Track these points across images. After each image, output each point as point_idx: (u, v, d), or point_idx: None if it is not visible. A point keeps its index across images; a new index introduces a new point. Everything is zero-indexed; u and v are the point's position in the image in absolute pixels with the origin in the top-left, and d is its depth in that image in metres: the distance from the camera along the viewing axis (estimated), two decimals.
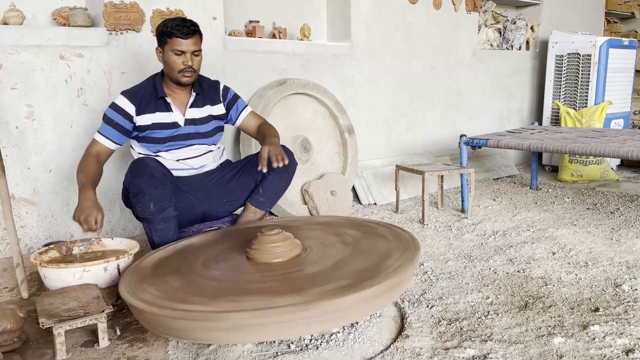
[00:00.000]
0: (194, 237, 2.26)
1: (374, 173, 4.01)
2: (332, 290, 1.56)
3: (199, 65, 2.35)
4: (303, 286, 1.65)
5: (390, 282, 1.64)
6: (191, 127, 2.43)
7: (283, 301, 1.52)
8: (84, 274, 2.02)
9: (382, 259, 1.83)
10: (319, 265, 1.84)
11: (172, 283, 1.76)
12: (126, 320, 1.99)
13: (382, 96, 4.21)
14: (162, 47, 2.32)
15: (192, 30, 2.28)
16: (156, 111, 2.36)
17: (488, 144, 3.42)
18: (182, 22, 2.28)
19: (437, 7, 4.45)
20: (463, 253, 2.72)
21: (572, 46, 4.85)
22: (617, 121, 4.91)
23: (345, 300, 1.52)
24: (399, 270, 1.71)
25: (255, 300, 1.56)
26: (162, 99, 2.37)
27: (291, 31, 3.87)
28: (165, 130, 2.38)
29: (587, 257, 2.61)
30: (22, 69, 2.66)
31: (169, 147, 2.41)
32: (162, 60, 2.34)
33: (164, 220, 2.23)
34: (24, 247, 2.73)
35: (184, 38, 2.26)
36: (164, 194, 2.20)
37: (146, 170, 2.18)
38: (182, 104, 2.42)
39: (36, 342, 1.83)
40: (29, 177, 2.74)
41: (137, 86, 2.43)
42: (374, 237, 2.11)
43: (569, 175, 4.52)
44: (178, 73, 2.30)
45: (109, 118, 2.33)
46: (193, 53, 2.30)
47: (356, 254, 1.93)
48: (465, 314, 2.01)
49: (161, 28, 2.29)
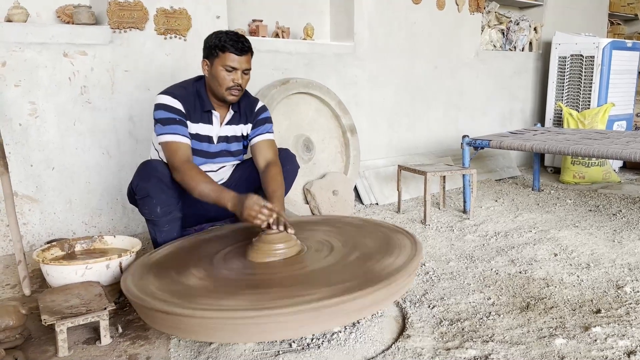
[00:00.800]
0: (196, 235, 2.26)
1: (375, 173, 4.01)
2: (336, 290, 1.56)
3: (246, 84, 2.24)
4: (306, 286, 1.65)
5: (393, 281, 1.64)
6: (223, 144, 2.35)
7: (288, 301, 1.52)
8: (86, 271, 2.02)
9: (383, 259, 1.83)
10: (320, 265, 1.84)
11: (175, 280, 1.76)
12: (128, 317, 2.00)
13: (384, 96, 4.21)
14: (210, 60, 2.19)
15: (247, 47, 2.17)
16: (200, 122, 2.26)
17: (490, 144, 3.41)
18: (237, 37, 2.16)
19: (441, 8, 4.45)
20: (465, 254, 2.72)
21: (575, 47, 4.85)
22: (620, 123, 4.91)
23: (350, 300, 1.52)
24: (401, 271, 1.71)
25: (258, 300, 1.56)
26: (209, 112, 2.27)
27: (294, 30, 3.87)
28: (200, 142, 2.28)
29: (589, 258, 2.61)
30: (26, 66, 2.66)
31: (196, 160, 2.28)
32: (209, 74, 2.21)
33: (169, 223, 2.23)
34: (26, 244, 2.74)
35: (238, 54, 2.14)
36: (170, 199, 2.18)
37: (154, 175, 2.15)
38: (220, 120, 2.32)
39: (38, 339, 1.83)
40: (32, 174, 2.74)
41: (178, 88, 2.25)
42: (376, 236, 2.11)
43: (571, 177, 4.52)
44: (225, 90, 2.18)
45: (168, 118, 2.16)
46: (244, 71, 2.18)
47: (358, 254, 1.93)
48: (466, 314, 2.01)
49: (213, 40, 2.16)
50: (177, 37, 3.07)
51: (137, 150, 3.03)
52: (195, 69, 3.15)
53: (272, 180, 2.22)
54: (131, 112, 2.99)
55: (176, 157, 2.13)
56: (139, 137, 3.03)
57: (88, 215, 2.94)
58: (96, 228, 2.96)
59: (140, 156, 3.02)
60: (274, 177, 2.25)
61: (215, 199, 2.02)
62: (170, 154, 2.15)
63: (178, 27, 3.07)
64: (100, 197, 2.96)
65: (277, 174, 2.27)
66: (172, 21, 3.04)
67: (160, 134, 2.17)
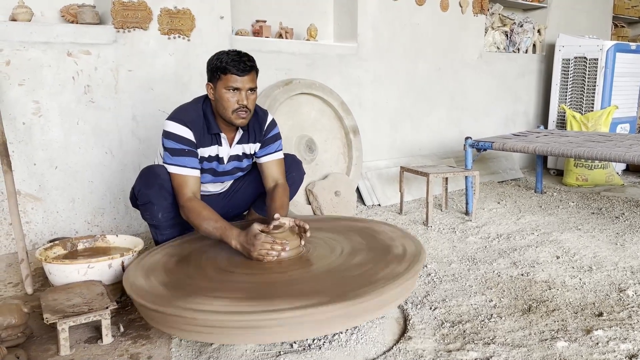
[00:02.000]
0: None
1: (378, 174, 4.00)
2: (340, 294, 1.56)
3: (253, 104, 2.16)
4: (310, 288, 1.64)
5: (397, 286, 1.64)
6: (234, 162, 2.33)
7: (291, 304, 1.52)
8: (88, 270, 2.03)
9: (387, 263, 1.83)
10: (323, 267, 1.84)
11: (178, 279, 1.76)
12: (130, 317, 2.00)
13: (387, 97, 4.21)
14: (213, 82, 2.12)
15: (249, 66, 2.09)
16: (210, 145, 2.21)
17: (493, 146, 3.41)
18: (238, 56, 2.08)
19: (444, 9, 4.45)
20: (467, 256, 2.72)
21: (579, 50, 4.84)
22: (623, 126, 4.90)
23: (354, 305, 1.53)
24: (406, 275, 1.70)
25: (261, 302, 1.56)
26: (217, 134, 2.22)
27: (298, 31, 3.87)
28: (210, 163, 2.26)
29: (592, 261, 2.60)
30: (30, 65, 2.67)
31: (205, 179, 2.29)
32: (214, 97, 2.14)
33: (171, 227, 2.23)
34: (29, 242, 2.74)
35: (240, 75, 2.07)
36: (172, 206, 2.17)
37: (156, 182, 2.14)
38: (229, 139, 2.27)
39: (40, 337, 1.84)
40: (35, 173, 2.75)
41: (187, 112, 2.18)
42: (379, 238, 2.11)
43: (574, 179, 4.51)
44: (232, 113, 2.11)
45: (177, 149, 2.12)
46: (249, 90, 2.11)
47: (362, 255, 1.92)
48: (468, 316, 2.01)
49: (215, 62, 2.09)
50: (180, 37, 3.08)
51: (139, 150, 3.03)
52: (199, 69, 3.17)
53: (279, 200, 2.21)
54: (134, 112, 3.00)
55: (181, 193, 2.10)
56: (141, 137, 3.03)
57: (91, 214, 2.94)
58: (99, 227, 2.97)
59: (143, 155, 3.03)
60: (281, 198, 2.23)
61: (219, 237, 1.97)
62: (177, 189, 2.12)
63: (182, 27, 3.07)
64: (102, 196, 2.97)
65: (284, 196, 2.26)
66: (176, 21, 3.05)
67: (168, 163, 2.14)
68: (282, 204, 2.18)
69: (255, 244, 1.86)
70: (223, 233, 1.96)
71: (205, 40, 3.17)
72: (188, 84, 3.14)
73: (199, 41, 3.15)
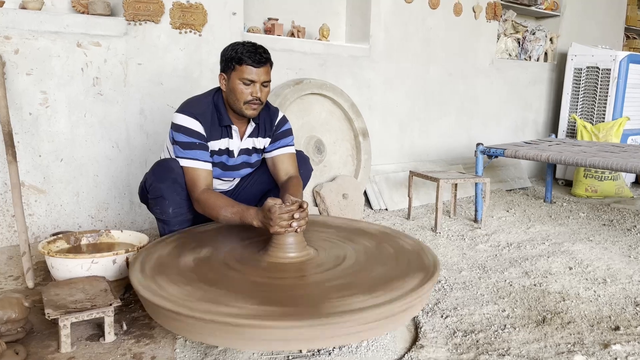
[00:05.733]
0: (209, 225, 2.20)
1: (385, 178, 3.95)
2: (355, 308, 1.48)
3: (266, 97, 2.13)
4: (323, 298, 1.56)
5: (414, 300, 1.58)
6: (244, 156, 2.28)
7: (303, 314, 1.46)
8: (92, 265, 1.97)
9: (402, 275, 1.72)
10: (334, 274, 1.76)
11: (187, 277, 1.69)
12: (133, 315, 1.94)
13: (397, 100, 4.16)
14: (227, 73, 2.07)
15: (265, 58, 2.05)
16: (220, 138, 2.17)
17: (505, 153, 3.36)
18: (254, 48, 2.04)
19: (458, 14, 4.40)
20: (477, 263, 2.66)
21: (592, 60, 4.79)
22: (635, 137, 4.84)
23: (370, 317, 1.47)
24: (420, 290, 1.61)
25: (270, 308, 1.49)
26: (228, 127, 2.18)
27: (310, 30, 3.82)
28: (220, 156, 2.21)
29: (605, 273, 2.54)
30: (39, 55, 2.62)
31: (214, 173, 2.21)
32: (226, 88, 2.10)
33: (180, 224, 2.17)
34: (31, 235, 2.69)
35: (255, 66, 2.02)
36: (184, 201, 2.12)
37: (170, 176, 2.08)
38: (240, 133, 2.23)
39: (40, 333, 1.78)
40: (40, 164, 2.70)
41: (196, 105, 2.14)
42: (393, 246, 2.02)
43: (583, 190, 4.45)
44: (244, 104, 2.07)
45: (188, 143, 2.08)
46: (263, 83, 2.06)
47: (375, 264, 1.84)
48: (481, 326, 1.95)
49: (230, 53, 2.05)
50: (192, 32, 3.03)
51: (147, 145, 2.98)
52: (209, 65, 3.12)
53: (292, 188, 2.15)
54: (142, 106, 2.95)
55: (195, 187, 2.07)
56: (149, 132, 2.98)
57: (95, 208, 2.89)
58: (102, 222, 2.92)
59: (150, 151, 2.98)
60: (296, 186, 2.18)
61: (239, 221, 1.93)
62: (190, 183, 2.08)
63: (193, 21, 3.02)
64: (107, 190, 2.91)
65: (299, 186, 2.21)
66: (188, 15, 3.00)
67: (180, 157, 2.09)
68: (296, 192, 2.12)
69: (272, 217, 1.79)
70: (242, 215, 1.92)
71: (216, 36, 3.12)
72: (198, 79, 3.09)
73: (210, 37, 3.10)
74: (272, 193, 2.30)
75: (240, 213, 1.93)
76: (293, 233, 1.84)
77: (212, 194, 2.05)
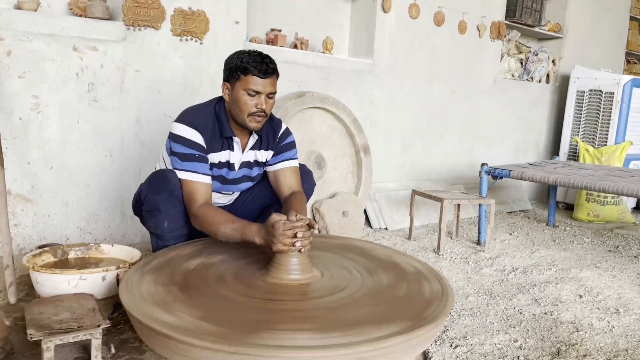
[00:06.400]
0: (205, 241, 2.08)
1: (386, 196, 3.84)
2: (286, 345, 1.33)
3: (271, 109, 2.02)
4: (337, 325, 1.44)
5: (367, 352, 1.37)
6: (245, 170, 2.17)
7: (311, 340, 1.35)
8: (80, 282, 1.84)
9: (384, 321, 1.50)
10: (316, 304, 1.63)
11: (181, 298, 1.57)
12: (122, 337, 1.81)
13: (400, 117, 4.08)
14: (231, 82, 1.97)
15: (272, 68, 1.95)
16: (221, 150, 2.07)
17: (511, 175, 3.26)
18: (260, 57, 1.94)
19: (462, 32, 4.34)
20: (483, 289, 2.55)
21: (595, 83, 4.74)
22: (637, 162, 4.78)
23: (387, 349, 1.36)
24: (378, 343, 1.38)
25: (270, 335, 1.37)
26: (230, 138, 2.08)
27: (313, 43, 3.74)
28: (220, 169, 2.10)
29: (617, 302, 2.44)
30: (32, 58, 2.51)
31: (214, 185, 2.10)
32: (229, 98, 1.99)
33: (175, 239, 2.05)
34: (16, 247, 2.55)
35: (261, 77, 1.92)
36: (180, 214, 2.00)
37: (166, 187, 1.96)
38: (242, 145, 2.13)
39: (21, 354, 1.64)
40: (29, 172, 2.57)
41: (197, 114, 2.03)
42: (410, 288, 1.80)
43: (585, 215, 4.37)
44: (247, 116, 1.96)
45: (186, 154, 1.97)
46: (268, 95, 1.96)
47: (369, 303, 1.65)
48: (492, 357, 1.84)
49: (235, 61, 1.94)
50: (193, 39, 2.93)
51: (142, 155, 2.86)
52: (209, 74, 3.02)
53: (296, 204, 2.04)
54: (139, 115, 2.83)
55: (193, 202, 1.95)
56: (145, 141, 2.86)
57: (84, 220, 2.75)
58: (92, 235, 2.78)
59: (145, 161, 2.86)
60: (300, 202, 2.07)
61: (240, 238, 1.81)
62: (188, 197, 1.97)
63: (195, 29, 2.93)
64: (98, 201, 2.78)
65: (303, 202, 2.11)
66: (189, 23, 2.90)
67: (178, 169, 1.98)
68: (300, 209, 2.00)
69: (275, 234, 1.68)
70: (243, 232, 1.80)
71: (218, 45, 3.02)
72: (198, 88, 2.99)
73: (212, 45, 3.00)
74: (273, 208, 2.18)
75: (241, 229, 1.81)
76: (297, 253, 1.72)
77: (211, 209, 1.93)
